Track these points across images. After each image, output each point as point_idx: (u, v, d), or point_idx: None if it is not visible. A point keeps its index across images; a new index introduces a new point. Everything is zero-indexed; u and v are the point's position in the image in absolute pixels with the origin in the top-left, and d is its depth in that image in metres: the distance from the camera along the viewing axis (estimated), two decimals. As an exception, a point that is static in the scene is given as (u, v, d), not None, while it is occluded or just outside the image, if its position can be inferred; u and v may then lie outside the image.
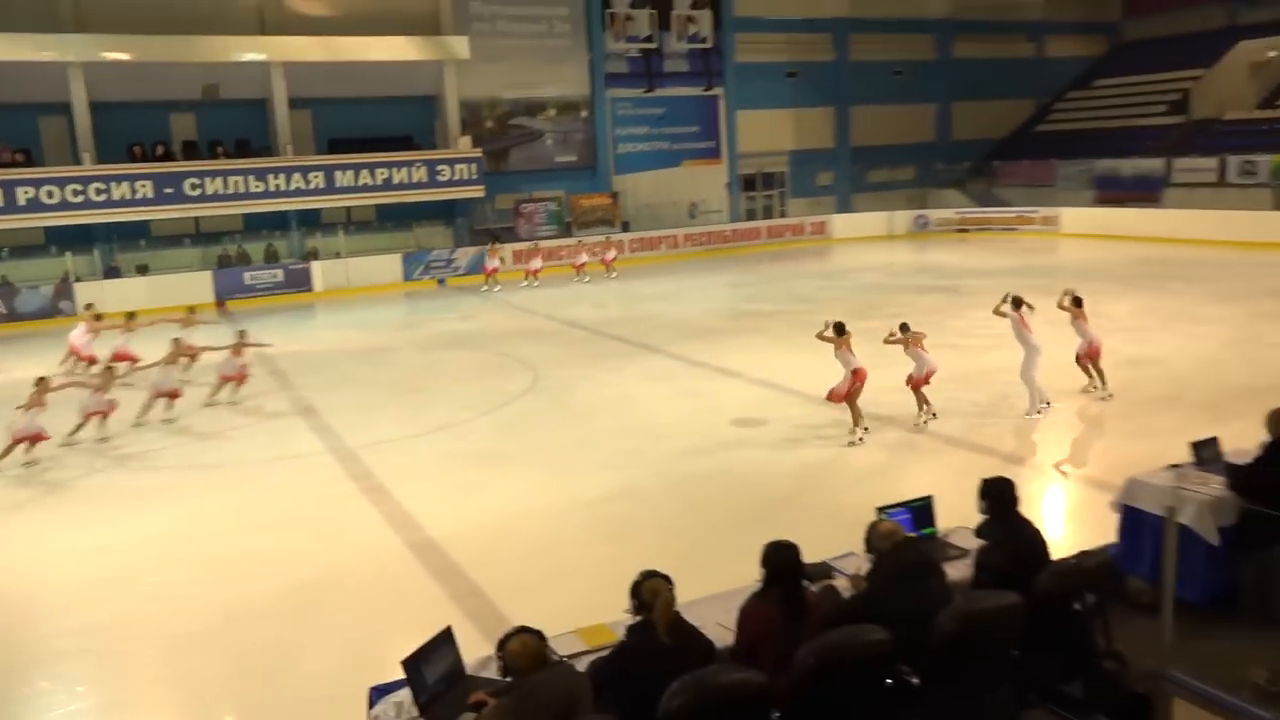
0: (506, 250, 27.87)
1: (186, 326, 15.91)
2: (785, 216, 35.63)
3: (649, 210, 32.87)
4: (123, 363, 15.32)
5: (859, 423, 10.96)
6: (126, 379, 13.95)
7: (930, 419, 11.37)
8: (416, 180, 27.83)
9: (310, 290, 26.70)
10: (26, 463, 11.74)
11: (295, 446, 12.16)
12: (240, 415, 13.93)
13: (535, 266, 26.82)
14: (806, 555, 4.69)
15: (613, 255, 27.88)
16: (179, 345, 14.59)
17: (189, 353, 15.08)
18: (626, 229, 31.42)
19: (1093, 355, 12.11)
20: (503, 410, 13.44)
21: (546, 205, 30.93)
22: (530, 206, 30.71)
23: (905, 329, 11.42)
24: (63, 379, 13.88)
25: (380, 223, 29.14)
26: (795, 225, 34.65)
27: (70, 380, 13.83)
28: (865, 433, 10.97)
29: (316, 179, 26.75)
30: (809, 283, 24.67)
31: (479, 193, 28.91)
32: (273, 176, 26.27)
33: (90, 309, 17.68)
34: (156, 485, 10.99)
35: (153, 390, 13.64)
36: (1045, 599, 4.59)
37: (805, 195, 36.43)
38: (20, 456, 11.72)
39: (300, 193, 26.66)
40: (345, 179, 27.05)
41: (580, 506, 9.46)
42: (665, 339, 17.69)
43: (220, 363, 14.67)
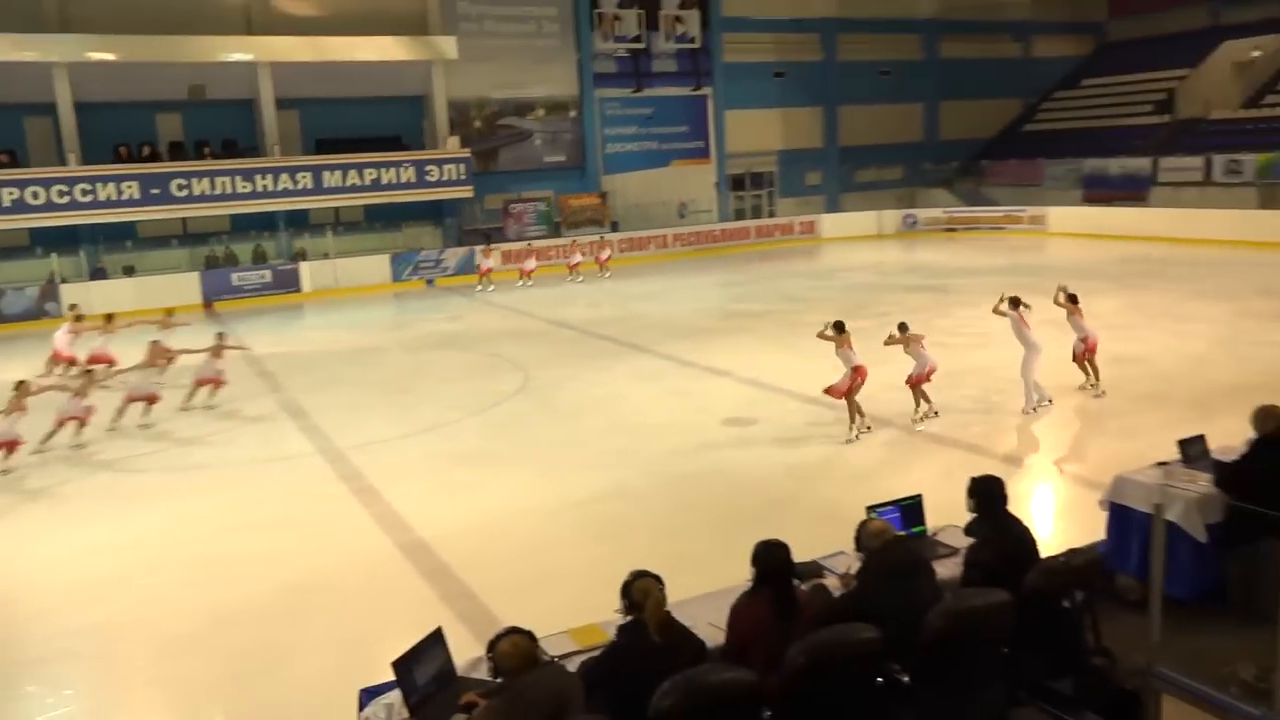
0: (500, 250, 27.86)
1: (165, 329, 15.63)
2: (774, 216, 35.70)
3: (638, 210, 32.87)
4: (101, 365, 15.01)
5: (855, 420, 11.01)
6: (106, 383, 13.66)
7: (932, 417, 11.43)
8: (405, 180, 27.78)
9: (298, 291, 26.61)
10: (2, 471, 11.41)
11: (284, 448, 12.12)
12: (228, 417, 13.85)
13: (529, 267, 26.82)
14: (796, 554, 4.70)
15: (607, 255, 27.92)
16: (157, 348, 14.29)
17: (166, 355, 14.62)
18: (615, 229, 31.39)
19: (1089, 351, 12.19)
20: (492, 410, 13.42)
21: (535, 205, 30.90)
22: (519, 207, 30.68)
23: (904, 328, 11.51)
24: (42, 382, 13.57)
25: (369, 223, 29.06)
26: (784, 225, 34.71)
27: (49, 383, 13.48)
28: (867, 431, 11.03)
29: (304, 179, 26.66)
30: (798, 282, 24.72)
31: (468, 193, 28.87)
32: (260, 177, 26.18)
33: (74, 309, 17.57)
34: (144, 487, 10.93)
35: (129, 394, 13.32)
36: (1034, 596, 4.62)
37: (794, 195, 36.51)
38: None
39: (288, 193, 26.57)
40: (333, 179, 26.97)
41: (570, 506, 9.45)
42: (654, 339, 17.68)
43: (198, 366, 14.34)
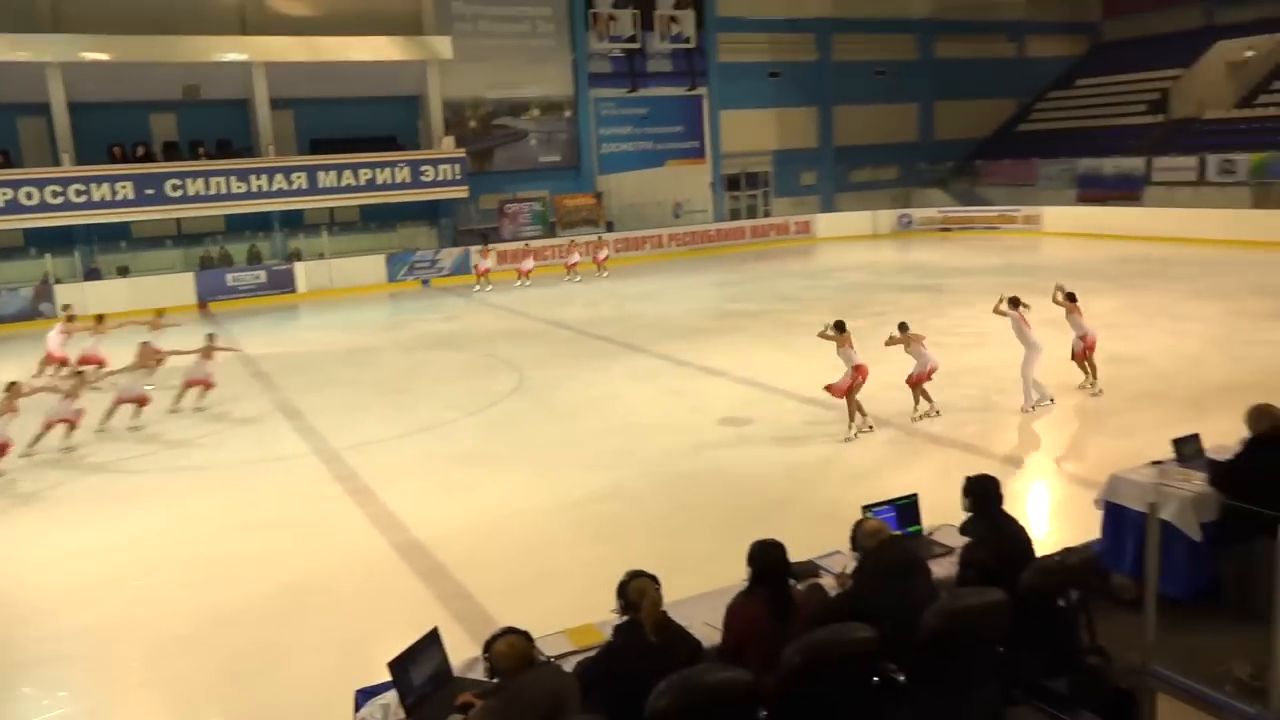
0: (497, 250, 27.87)
1: (154, 330, 15.45)
2: (769, 216, 35.71)
3: (633, 210, 32.86)
4: (92, 366, 14.89)
5: (855, 420, 11.05)
6: (97, 384, 13.53)
7: (934, 416, 11.48)
8: (400, 181, 27.74)
9: (293, 291, 26.56)
10: None
11: (279, 448, 12.09)
12: (223, 418, 13.82)
13: (527, 267, 26.85)
14: (792, 553, 4.70)
15: (604, 255, 27.97)
16: (146, 349, 14.09)
17: (156, 357, 14.30)
18: (611, 229, 31.37)
19: (1088, 349, 12.25)
20: (488, 410, 13.41)
21: (531, 205, 30.87)
22: (515, 207, 30.66)
23: (904, 328, 11.60)
24: (33, 384, 13.47)
25: (364, 223, 29.03)
26: (779, 225, 34.71)
27: (41, 385, 13.35)
28: (869, 431, 11.06)
29: (299, 179, 26.62)
30: (793, 282, 24.73)
31: (463, 193, 28.85)
32: (255, 177, 26.13)
33: (67, 310, 17.53)
34: (139, 488, 10.91)
35: (118, 396, 13.16)
36: (1030, 595, 4.62)
37: (789, 195, 36.52)
38: None
39: (283, 193, 26.52)
40: (328, 179, 26.93)
41: (566, 506, 9.44)
42: (650, 338, 17.68)
43: (187, 367, 14.18)
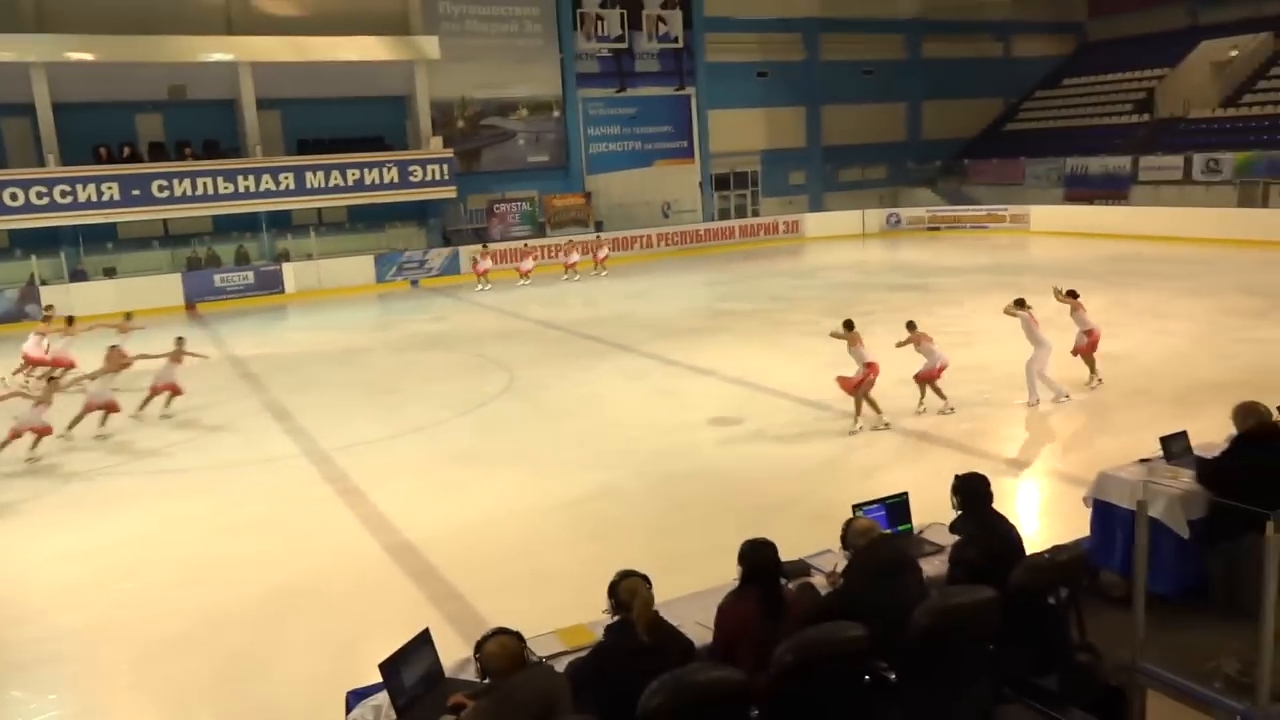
0: (494, 251, 28.08)
1: (122, 333, 15.23)
2: (758, 215, 35.77)
3: (622, 210, 32.86)
4: (62, 370, 14.77)
5: (860, 414, 11.17)
6: (72, 388, 13.27)
7: (949, 412, 11.57)
8: (388, 181, 27.67)
9: (282, 292, 26.47)
10: None
11: (269, 449, 12.04)
12: (212, 419, 13.75)
13: (527, 267, 26.93)
14: (783, 553, 4.70)
15: (604, 254, 28.04)
16: (115, 353, 13.70)
17: (124, 361, 13.86)
18: (600, 229, 31.36)
19: (1091, 345, 12.39)
20: (478, 411, 13.39)
21: (520, 205, 30.87)
22: (503, 207, 30.64)
23: (912, 326, 11.73)
24: (5, 390, 13.37)
25: (352, 224, 28.93)
26: (768, 224, 34.77)
27: (13, 391, 13.05)
28: (885, 428, 11.14)
29: (287, 180, 26.51)
30: (782, 281, 24.77)
31: (451, 193, 28.80)
32: (242, 178, 26.02)
33: (48, 310, 17.45)
34: (128, 491, 10.85)
35: (88, 401, 12.83)
36: (1020, 593, 4.63)
37: (777, 194, 36.60)
38: None
39: (270, 194, 26.43)
40: (316, 180, 26.83)
41: (557, 507, 9.43)
42: (639, 338, 17.68)
43: (157, 371, 13.87)
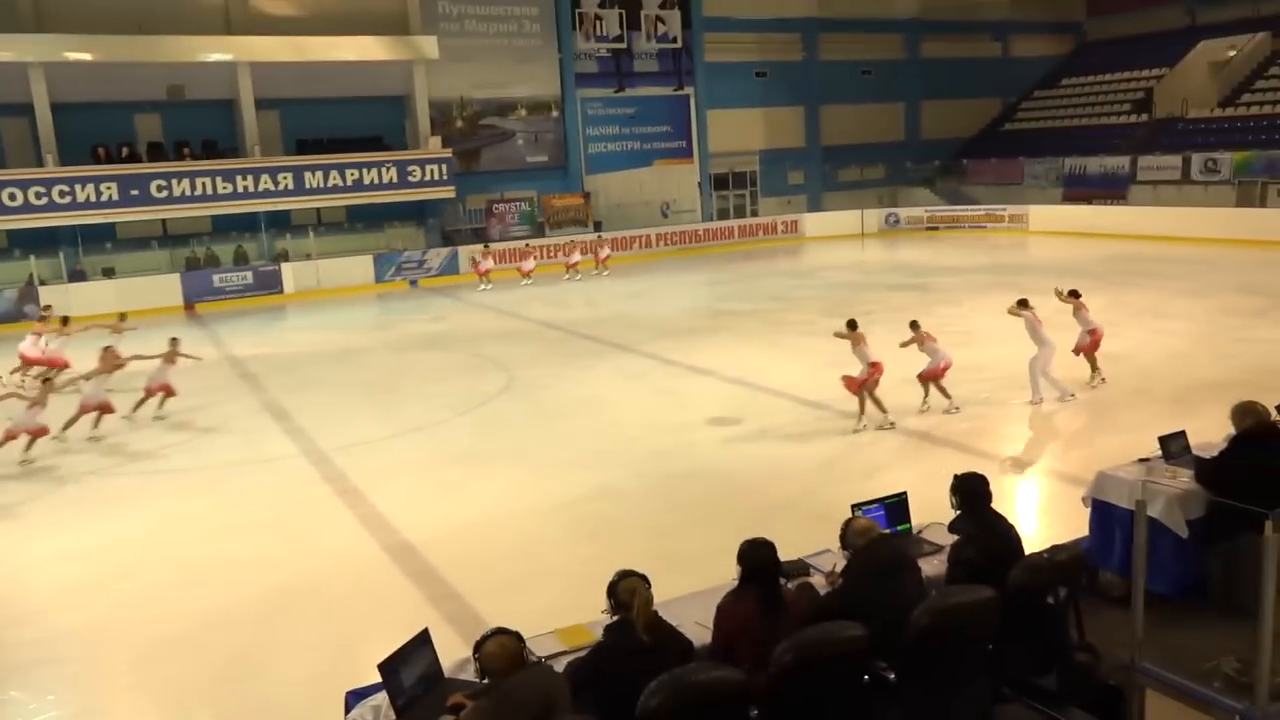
0: (496, 251, 28.16)
1: (116, 333, 15.14)
2: (757, 215, 35.77)
3: (621, 210, 32.85)
4: (56, 370, 14.73)
5: (864, 413, 11.24)
6: (68, 389, 13.19)
7: (954, 411, 11.59)
8: (387, 181, 27.67)
9: (281, 292, 26.46)
10: None
11: (268, 449, 12.03)
12: (210, 419, 13.74)
13: (528, 266, 26.98)
14: (782, 552, 4.71)
15: (606, 254, 28.08)
16: (109, 354, 13.51)
17: (118, 362, 13.66)
18: (599, 229, 31.37)
19: (1094, 344, 12.42)
20: (478, 411, 13.38)
21: (518, 205, 30.87)
22: (502, 207, 30.64)
23: (916, 326, 11.77)
24: (2, 390, 13.33)
25: (351, 224, 28.93)
26: (767, 224, 34.78)
27: (9, 392, 12.94)
28: (890, 427, 11.16)
29: (285, 180, 26.51)
30: (781, 281, 24.77)
31: (450, 193, 28.79)
32: (241, 178, 26.02)
33: (46, 310, 17.44)
34: (126, 491, 10.84)
35: (83, 403, 12.72)
36: (1019, 593, 4.64)
37: (776, 194, 36.59)
38: None
39: (269, 194, 26.42)
40: (315, 180, 26.82)
41: (556, 506, 9.43)
42: (638, 338, 17.68)
43: (151, 373, 13.75)
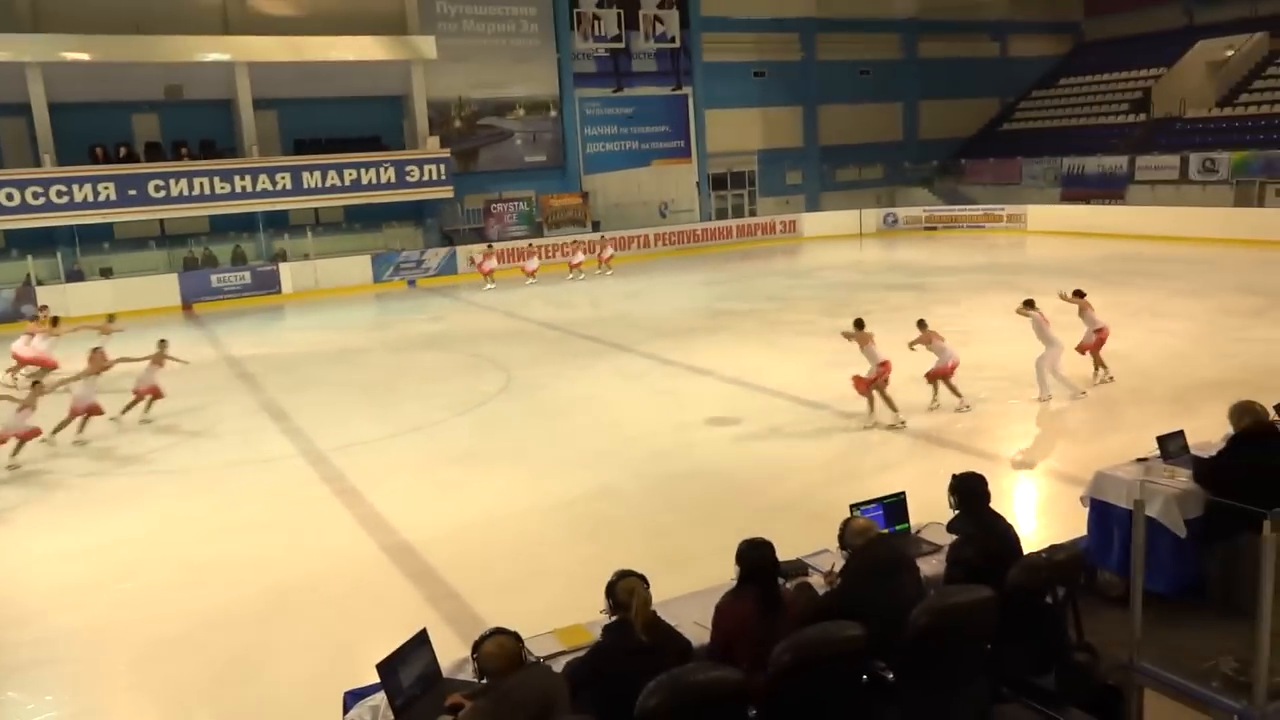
0: (498, 251, 28.23)
1: (104, 335, 15.10)
2: (755, 215, 35.78)
3: (619, 210, 32.85)
4: (45, 370, 14.71)
5: (873, 411, 11.29)
6: (59, 389, 13.03)
7: (964, 410, 11.61)
8: (385, 181, 27.67)
9: (279, 292, 26.46)
10: None
11: (266, 450, 12.02)
12: (208, 420, 13.73)
13: (532, 266, 27.02)
14: (781, 552, 4.71)
15: (609, 253, 28.11)
16: (97, 355, 13.43)
17: (106, 363, 13.56)
18: (597, 229, 31.37)
19: (1099, 342, 12.46)
20: (476, 410, 13.38)
21: (517, 205, 30.86)
22: (500, 207, 30.63)
23: (923, 325, 11.82)
24: None
25: (349, 224, 28.93)
26: (765, 224, 34.80)
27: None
28: (902, 425, 11.17)
29: (283, 180, 26.50)
30: (779, 281, 24.78)
31: (448, 193, 28.79)
32: (239, 178, 26.01)
33: (43, 311, 17.42)
34: (125, 491, 10.83)
35: (73, 405, 12.61)
36: (1017, 593, 4.64)
37: (774, 194, 36.61)
38: None
39: (267, 194, 26.41)
40: (313, 180, 26.81)
41: (555, 507, 9.43)
42: (637, 338, 17.68)
43: (139, 374, 13.65)
